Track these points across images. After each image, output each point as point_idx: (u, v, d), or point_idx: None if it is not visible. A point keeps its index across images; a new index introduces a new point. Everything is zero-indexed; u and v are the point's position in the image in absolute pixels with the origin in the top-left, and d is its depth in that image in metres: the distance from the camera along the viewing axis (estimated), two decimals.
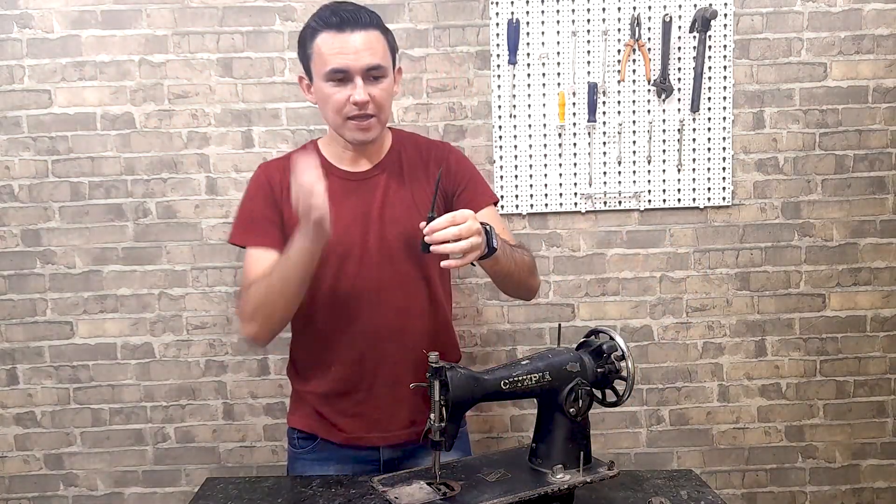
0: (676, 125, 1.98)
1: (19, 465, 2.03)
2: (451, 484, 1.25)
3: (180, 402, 2.03)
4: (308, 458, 1.52)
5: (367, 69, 1.32)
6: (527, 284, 1.49)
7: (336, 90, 1.34)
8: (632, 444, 2.09)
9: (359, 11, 1.33)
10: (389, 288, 1.41)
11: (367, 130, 1.37)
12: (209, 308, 2.00)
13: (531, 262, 1.48)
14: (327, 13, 1.33)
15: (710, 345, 2.07)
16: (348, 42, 1.31)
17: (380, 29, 1.35)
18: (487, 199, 1.50)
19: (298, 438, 1.53)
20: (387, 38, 1.37)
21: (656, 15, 1.94)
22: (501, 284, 1.46)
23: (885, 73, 1.99)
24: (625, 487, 1.35)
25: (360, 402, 1.45)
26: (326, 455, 1.50)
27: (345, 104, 1.34)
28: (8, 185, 1.95)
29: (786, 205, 2.03)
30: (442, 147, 1.55)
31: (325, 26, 1.32)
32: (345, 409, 1.46)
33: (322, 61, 1.33)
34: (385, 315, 1.41)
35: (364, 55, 1.31)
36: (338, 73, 1.32)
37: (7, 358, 2.00)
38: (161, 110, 1.95)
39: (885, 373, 2.09)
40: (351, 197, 1.42)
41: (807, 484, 2.11)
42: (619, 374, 1.31)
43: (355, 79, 1.32)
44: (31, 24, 1.90)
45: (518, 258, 1.41)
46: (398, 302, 1.42)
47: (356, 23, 1.31)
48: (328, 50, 1.32)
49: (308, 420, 1.51)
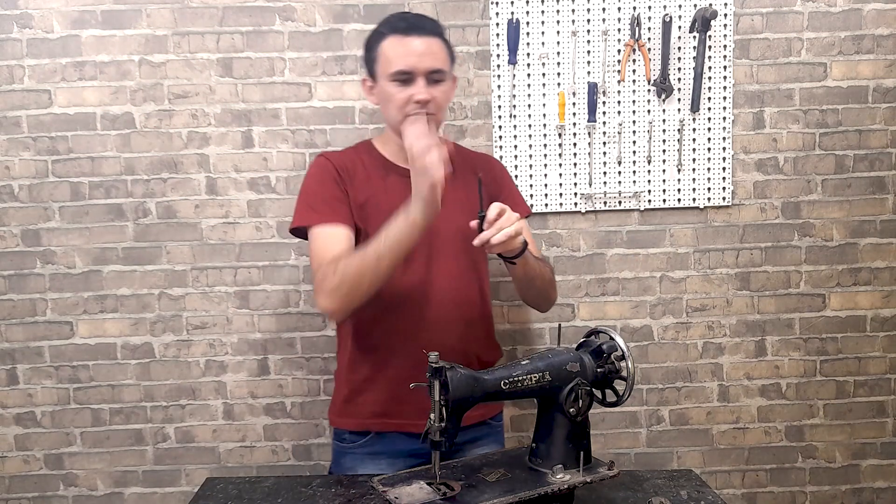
0: (676, 125, 1.98)
1: (19, 465, 2.03)
2: (451, 484, 1.25)
3: (180, 402, 2.03)
4: (360, 452, 1.55)
5: (430, 72, 1.43)
6: (546, 294, 1.61)
7: (399, 89, 1.43)
8: (632, 444, 2.09)
9: (423, 19, 1.47)
10: (447, 280, 1.49)
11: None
12: (209, 308, 2.00)
13: (551, 276, 1.60)
14: (395, 19, 1.46)
15: (710, 345, 2.07)
16: (413, 46, 1.42)
17: (441, 38, 1.47)
18: (522, 210, 1.61)
19: (349, 433, 1.57)
20: (447, 48, 1.49)
21: (656, 15, 1.94)
22: (524, 289, 1.57)
23: (885, 73, 1.99)
24: (625, 487, 1.35)
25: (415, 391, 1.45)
26: (379, 449, 1.54)
27: (406, 102, 1.43)
28: (8, 185, 1.95)
29: (786, 205, 2.03)
30: (486, 157, 1.71)
31: (392, 31, 1.44)
32: (401, 397, 1.45)
33: (387, 63, 1.43)
34: (443, 306, 1.49)
35: (427, 59, 1.42)
36: (402, 74, 1.42)
37: (7, 358, 2.00)
38: (161, 110, 1.95)
39: (885, 373, 2.09)
40: (408, 192, 1.47)
41: (807, 484, 2.11)
42: (619, 374, 1.31)
43: (418, 79, 1.42)
44: (31, 24, 1.90)
45: (541, 268, 1.52)
46: (453, 294, 1.50)
47: (421, 29, 1.43)
48: (394, 53, 1.43)
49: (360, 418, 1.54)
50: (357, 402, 1.55)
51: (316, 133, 1.96)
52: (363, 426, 1.55)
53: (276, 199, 1.98)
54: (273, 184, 1.97)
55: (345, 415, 1.57)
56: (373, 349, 1.52)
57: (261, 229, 1.98)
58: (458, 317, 1.51)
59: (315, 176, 1.53)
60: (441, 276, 1.49)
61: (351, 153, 1.58)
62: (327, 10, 1.93)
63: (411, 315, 1.48)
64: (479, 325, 1.59)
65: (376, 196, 1.50)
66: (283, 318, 2.01)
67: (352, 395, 1.56)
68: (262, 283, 2.00)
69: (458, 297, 1.51)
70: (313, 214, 1.48)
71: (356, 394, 1.55)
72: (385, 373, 1.50)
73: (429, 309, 1.48)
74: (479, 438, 1.60)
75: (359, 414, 1.55)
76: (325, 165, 1.53)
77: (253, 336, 2.02)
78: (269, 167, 1.97)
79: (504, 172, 1.69)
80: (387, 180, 1.52)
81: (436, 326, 1.48)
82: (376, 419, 1.53)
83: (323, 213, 1.47)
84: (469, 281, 1.54)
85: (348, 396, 1.57)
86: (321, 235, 1.47)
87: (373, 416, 1.53)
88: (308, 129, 1.96)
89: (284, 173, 1.97)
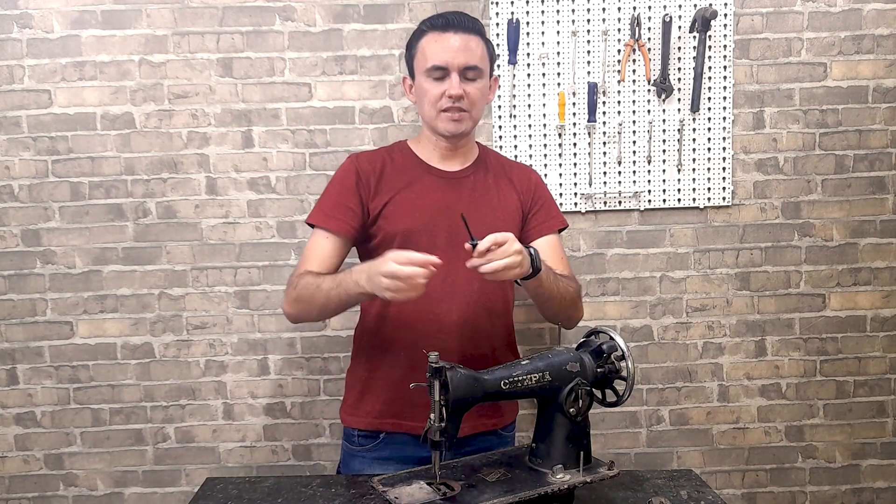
0: (676, 125, 1.98)
1: (19, 465, 2.03)
2: (451, 484, 1.25)
3: (180, 402, 2.03)
4: (369, 456, 1.54)
5: (465, 68, 1.44)
6: (567, 313, 1.58)
7: (433, 85, 1.45)
8: (632, 444, 2.09)
9: (463, 17, 1.46)
10: (471, 282, 1.47)
11: (458, 122, 1.47)
12: (209, 308, 2.00)
13: (575, 293, 1.55)
14: (435, 17, 1.47)
15: (710, 345, 2.07)
16: (449, 41, 1.43)
17: (481, 36, 1.48)
18: (558, 223, 1.62)
19: (359, 436, 1.56)
20: (486, 46, 1.49)
21: (656, 15, 1.94)
22: (542, 307, 1.55)
23: (885, 73, 1.99)
24: (625, 487, 1.35)
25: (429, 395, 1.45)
26: (387, 454, 1.52)
27: (440, 97, 1.45)
28: (8, 185, 1.95)
29: (786, 205, 2.03)
30: (524, 167, 1.68)
31: (431, 27, 1.46)
32: (415, 399, 1.45)
33: (424, 58, 1.46)
34: (462, 307, 1.48)
35: (462, 55, 1.43)
36: (437, 70, 1.44)
37: (7, 358, 2.00)
38: (161, 110, 1.95)
39: (885, 373, 2.09)
40: (439, 192, 1.51)
41: (807, 484, 2.11)
42: (619, 374, 1.31)
43: (452, 75, 1.43)
44: (31, 24, 1.90)
45: (562, 287, 1.49)
46: (476, 298, 1.49)
47: (459, 26, 1.44)
48: (430, 48, 1.45)
49: (371, 418, 1.53)
50: (370, 401, 1.54)
51: (316, 133, 1.96)
52: (375, 426, 1.53)
53: (276, 199, 1.98)
54: (273, 184, 1.97)
55: (357, 414, 1.56)
56: (390, 350, 1.51)
57: (261, 229, 1.99)
58: (479, 322, 1.50)
59: (337, 177, 1.55)
60: (464, 280, 1.46)
61: (383, 153, 1.57)
62: (327, 10, 1.93)
63: (432, 318, 1.47)
64: (501, 333, 1.57)
65: (407, 195, 1.50)
66: (282, 318, 1.99)
67: (364, 395, 1.55)
68: (262, 283, 2.00)
69: (480, 303, 1.50)
70: (320, 215, 1.52)
71: (369, 393, 1.54)
72: (400, 374, 1.48)
73: (450, 313, 1.47)
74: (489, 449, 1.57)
75: (370, 413, 1.53)
76: (348, 168, 1.53)
77: (253, 336, 2.02)
78: (269, 167, 1.97)
79: (540, 184, 1.65)
80: (422, 180, 1.52)
81: (456, 330, 1.47)
82: (389, 419, 1.52)
83: (328, 216, 1.50)
84: (493, 288, 1.51)
85: (361, 396, 1.56)
86: (313, 240, 1.52)
87: (386, 416, 1.52)
88: (308, 129, 1.96)
89: (284, 173, 1.97)
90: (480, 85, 1.47)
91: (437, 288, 1.45)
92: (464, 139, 1.53)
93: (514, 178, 1.60)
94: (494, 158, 1.64)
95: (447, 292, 1.46)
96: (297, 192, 1.97)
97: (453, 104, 1.44)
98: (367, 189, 1.50)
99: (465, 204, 1.49)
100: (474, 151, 1.60)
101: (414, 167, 1.54)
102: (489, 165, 1.60)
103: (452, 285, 1.46)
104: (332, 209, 1.50)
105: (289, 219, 1.98)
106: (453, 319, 1.47)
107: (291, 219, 1.98)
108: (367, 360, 1.56)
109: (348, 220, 1.49)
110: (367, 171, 1.51)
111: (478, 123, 1.55)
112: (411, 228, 1.47)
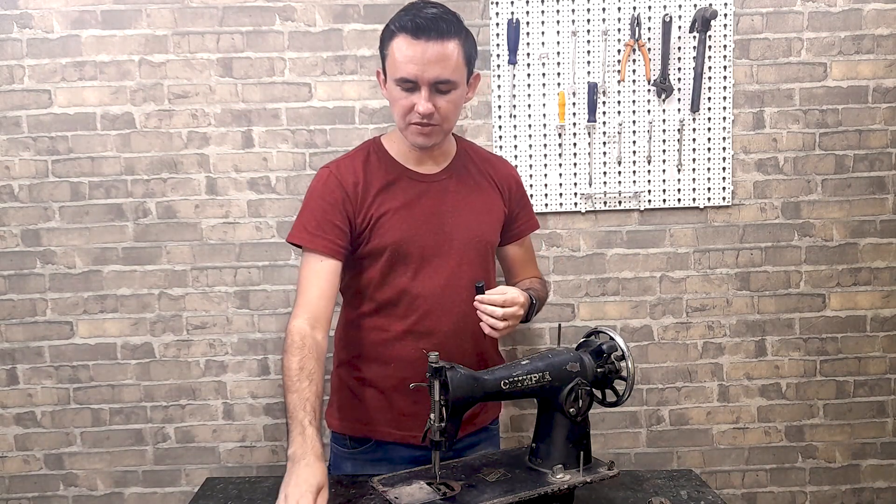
0: (676, 125, 1.98)
1: (19, 465, 2.03)
2: (451, 484, 1.25)
3: (180, 402, 2.03)
4: (362, 458, 1.53)
5: (435, 82, 1.33)
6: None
7: (403, 95, 1.36)
8: (632, 444, 2.09)
9: (437, 20, 1.31)
10: (457, 289, 1.45)
11: (427, 136, 1.40)
12: (209, 308, 2.00)
13: (545, 295, 1.63)
14: (407, 17, 1.32)
15: (710, 345, 2.07)
16: (420, 52, 1.30)
17: (458, 37, 1.34)
18: (535, 224, 1.65)
19: (350, 439, 1.54)
20: (463, 48, 1.36)
21: (656, 15, 1.94)
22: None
23: (885, 73, 1.99)
24: (625, 487, 1.35)
25: (417, 402, 1.44)
26: (380, 456, 1.51)
27: (409, 110, 1.36)
28: (8, 185, 1.95)
29: (786, 205, 2.03)
30: (504, 162, 1.65)
31: (402, 29, 1.32)
32: (402, 407, 1.46)
33: (394, 66, 1.34)
34: (452, 315, 1.45)
35: (433, 68, 1.31)
36: (406, 82, 1.34)
37: (7, 358, 2.00)
38: (161, 110, 1.95)
39: (885, 373, 2.09)
40: (422, 198, 1.46)
41: (807, 484, 2.11)
42: (619, 374, 1.31)
43: (422, 89, 1.33)
44: (31, 24, 1.90)
45: (541, 297, 1.55)
46: (464, 304, 1.43)
47: (432, 31, 1.30)
48: (401, 56, 1.32)
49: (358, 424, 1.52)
50: (359, 409, 1.51)
51: (316, 133, 1.96)
52: (364, 432, 1.51)
53: (276, 199, 1.98)
54: (273, 184, 1.97)
55: (346, 419, 1.54)
56: (379, 359, 1.48)
57: (261, 229, 1.98)
58: (463, 327, 1.45)
59: (316, 191, 1.45)
60: (452, 282, 1.45)
61: (358, 163, 1.47)
62: (327, 10, 1.93)
63: (420, 321, 1.45)
64: (490, 340, 1.53)
65: (391, 206, 1.44)
66: (282, 318, 2.01)
67: (353, 401, 1.52)
68: (262, 283, 2.00)
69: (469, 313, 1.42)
70: (305, 234, 1.42)
71: (357, 399, 1.52)
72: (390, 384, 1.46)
73: (440, 322, 1.45)
74: (477, 444, 1.59)
75: (360, 420, 1.51)
76: (328, 182, 1.44)
77: (253, 336, 2.02)
78: (269, 167, 1.97)
79: (521, 184, 1.63)
80: (401, 183, 1.46)
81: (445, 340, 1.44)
82: (380, 427, 1.49)
83: (314, 235, 1.41)
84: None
85: (349, 402, 1.53)
86: (307, 262, 1.42)
87: (377, 424, 1.50)
88: (308, 129, 1.96)
89: (284, 173, 1.97)
90: (454, 96, 1.37)
91: (433, 296, 1.44)
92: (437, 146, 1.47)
93: (496, 177, 1.55)
94: (474, 153, 1.57)
95: (441, 301, 1.44)
96: (297, 192, 1.97)
97: (422, 119, 1.35)
98: (353, 204, 1.43)
99: (449, 208, 1.46)
100: (452, 148, 1.53)
101: (390, 171, 1.47)
102: (469, 162, 1.53)
103: (446, 293, 1.44)
104: (317, 228, 1.41)
105: (289, 219, 1.98)
106: (444, 329, 1.45)
107: (291, 219, 1.98)
108: (355, 367, 1.52)
109: (338, 240, 1.41)
110: (353, 183, 1.43)
111: (452, 130, 1.47)
112: (399, 240, 1.42)
